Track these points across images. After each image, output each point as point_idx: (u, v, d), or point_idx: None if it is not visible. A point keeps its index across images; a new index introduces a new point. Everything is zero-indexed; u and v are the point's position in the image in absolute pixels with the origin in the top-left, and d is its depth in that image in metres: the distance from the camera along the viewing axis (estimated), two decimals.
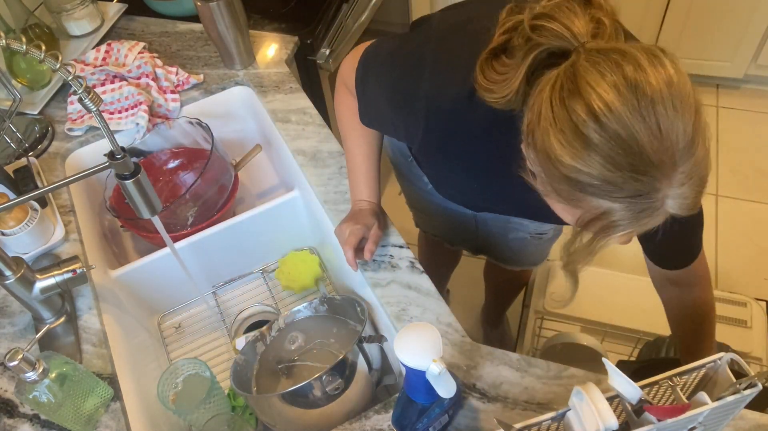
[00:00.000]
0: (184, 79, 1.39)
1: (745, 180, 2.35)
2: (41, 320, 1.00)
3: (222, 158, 1.25)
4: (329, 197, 1.14)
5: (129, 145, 1.30)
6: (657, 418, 0.62)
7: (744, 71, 2.51)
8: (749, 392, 0.63)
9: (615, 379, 0.63)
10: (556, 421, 0.67)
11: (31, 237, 1.08)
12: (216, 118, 1.40)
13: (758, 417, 0.80)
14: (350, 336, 1.08)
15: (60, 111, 1.37)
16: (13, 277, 0.89)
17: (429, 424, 0.79)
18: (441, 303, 0.97)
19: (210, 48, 1.48)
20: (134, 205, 0.85)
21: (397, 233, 1.07)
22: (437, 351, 0.68)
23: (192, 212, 1.18)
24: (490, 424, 0.84)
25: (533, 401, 0.85)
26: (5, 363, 0.77)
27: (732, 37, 2.38)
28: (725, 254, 1.21)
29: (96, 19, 1.52)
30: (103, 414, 0.91)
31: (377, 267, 1.03)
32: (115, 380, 0.95)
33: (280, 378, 1.09)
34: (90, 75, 1.34)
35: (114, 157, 0.78)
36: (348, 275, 1.13)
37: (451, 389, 0.70)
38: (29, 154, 1.27)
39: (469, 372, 0.89)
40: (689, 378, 0.69)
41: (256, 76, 1.41)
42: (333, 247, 1.17)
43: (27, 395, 0.82)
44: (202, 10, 1.29)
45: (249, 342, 1.09)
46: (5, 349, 0.99)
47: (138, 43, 1.42)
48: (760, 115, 2.55)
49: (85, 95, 0.71)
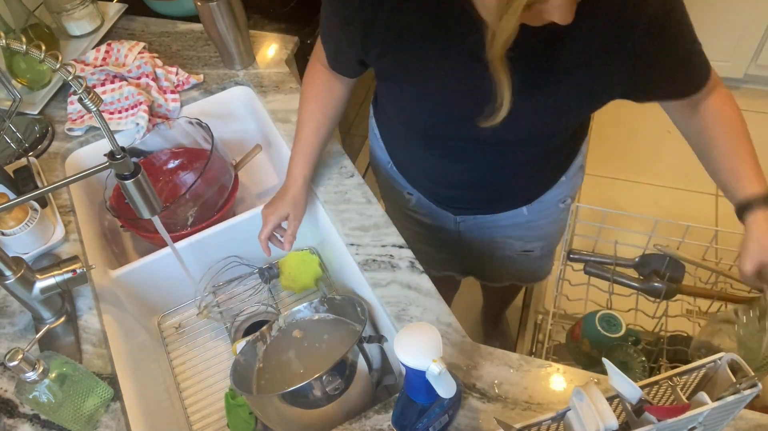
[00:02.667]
0: (184, 79, 1.39)
1: None
2: (41, 320, 1.00)
3: (222, 158, 1.25)
4: (329, 197, 1.14)
5: (129, 145, 1.30)
6: (657, 418, 0.62)
7: (744, 71, 2.50)
8: (749, 392, 0.63)
9: (615, 379, 0.63)
10: (556, 421, 0.67)
11: (31, 237, 1.08)
12: (216, 118, 1.40)
13: (758, 417, 0.80)
14: (350, 336, 1.08)
15: (60, 111, 1.37)
16: (13, 277, 0.89)
17: (429, 424, 0.79)
18: (441, 303, 0.97)
19: (210, 48, 1.48)
20: (134, 205, 0.85)
21: (397, 233, 1.07)
22: (437, 351, 0.68)
23: (192, 212, 1.18)
24: (490, 424, 0.84)
25: (533, 401, 0.85)
26: (5, 363, 0.77)
27: (732, 37, 2.38)
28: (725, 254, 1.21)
29: (96, 19, 1.52)
30: (103, 414, 0.91)
31: (377, 267, 1.03)
32: (115, 380, 0.95)
33: (280, 378, 1.09)
34: (90, 75, 1.34)
35: (114, 157, 0.78)
36: (348, 275, 1.13)
37: (451, 389, 0.70)
38: (29, 154, 1.27)
39: (469, 372, 0.89)
40: (689, 378, 0.69)
41: (256, 76, 1.41)
42: (333, 247, 1.17)
43: (27, 395, 0.82)
44: (202, 10, 1.29)
45: (249, 342, 1.09)
46: (5, 349, 0.99)
47: (138, 43, 1.42)
48: (760, 115, 2.55)
49: (85, 95, 0.71)
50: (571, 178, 1.14)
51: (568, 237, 1.23)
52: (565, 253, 1.25)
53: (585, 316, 1.21)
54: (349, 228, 1.09)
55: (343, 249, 1.08)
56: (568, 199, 1.19)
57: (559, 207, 1.19)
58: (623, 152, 2.50)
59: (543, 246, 1.31)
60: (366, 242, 1.06)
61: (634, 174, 2.43)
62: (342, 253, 1.10)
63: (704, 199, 2.32)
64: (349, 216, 1.10)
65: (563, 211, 1.21)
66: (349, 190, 1.15)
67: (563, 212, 1.21)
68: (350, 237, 1.07)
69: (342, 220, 1.10)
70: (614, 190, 2.39)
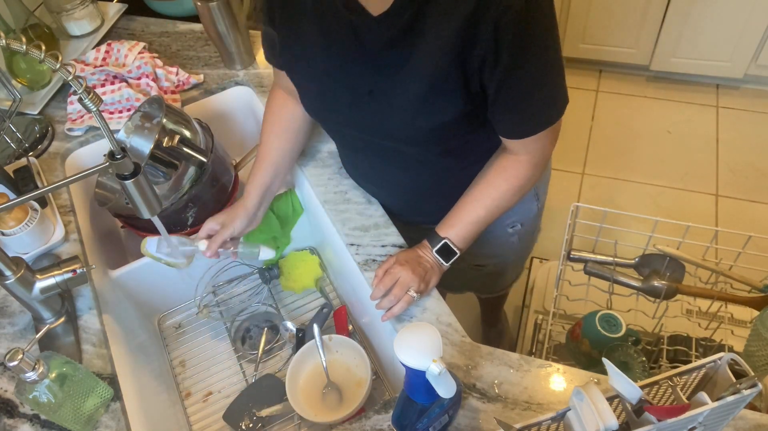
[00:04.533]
0: (185, 79, 1.39)
1: (745, 180, 2.35)
2: (41, 320, 1.00)
3: (222, 158, 1.25)
4: (329, 197, 1.14)
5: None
6: (657, 418, 0.62)
7: (744, 71, 2.51)
8: (749, 392, 0.63)
9: (615, 379, 0.63)
10: (556, 421, 0.67)
11: (31, 237, 1.08)
12: (216, 118, 1.40)
13: (758, 417, 0.80)
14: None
15: (60, 111, 1.37)
16: (13, 277, 0.89)
17: (429, 424, 0.79)
18: (441, 303, 0.97)
19: (210, 48, 1.48)
20: (134, 205, 0.85)
21: (397, 233, 1.07)
22: (437, 351, 0.68)
23: (192, 212, 1.18)
24: (490, 424, 0.84)
25: (533, 401, 0.85)
26: (5, 363, 0.77)
27: (732, 37, 2.39)
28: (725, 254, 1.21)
29: (96, 19, 1.52)
30: (103, 414, 0.91)
31: (377, 267, 1.03)
32: (115, 380, 0.95)
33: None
34: (90, 75, 1.34)
35: (114, 157, 0.78)
36: (348, 275, 1.13)
37: (451, 389, 0.70)
38: (29, 154, 1.27)
39: (469, 372, 0.89)
40: (689, 378, 0.69)
41: (256, 76, 1.41)
42: (333, 247, 1.17)
43: (27, 395, 0.82)
44: (202, 10, 1.29)
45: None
46: (5, 349, 0.99)
47: (138, 43, 1.42)
48: (760, 115, 2.55)
49: (85, 95, 0.71)
50: (520, 204, 1.09)
51: (568, 237, 1.23)
52: (565, 253, 1.25)
53: (585, 316, 1.21)
54: (349, 228, 1.09)
55: (343, 249, 1.08)
56: (518, 225, 1.18)
57: (508, 231, 1.19)
58: (623, 152, 2.51)
59: (495, 264, 1.31)
60: (366, 242, 1.06)
61: (634, 174, 2.43)
62: (342, 253, 1.10)
63: (704, 199, 2.32)
64: (349, 216, 1.10)
65: (513, 236, 1.21)
66: (349, 189, 1.15)
67: (513, 236, 1.21)
68: (350, 237, 1.07)
69: (342, 220, 1.10)
70: (614, 190, 2.39)
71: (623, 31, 2.54)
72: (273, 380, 1.13)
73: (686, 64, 2.56)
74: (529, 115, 0.86)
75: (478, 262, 1.29)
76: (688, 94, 2.66)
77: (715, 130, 2.52)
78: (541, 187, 1.17)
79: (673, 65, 2.59)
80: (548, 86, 0.84)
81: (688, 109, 2.62)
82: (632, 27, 2.51)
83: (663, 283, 1.19)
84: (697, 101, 2.64)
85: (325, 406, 1.07)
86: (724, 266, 1.20)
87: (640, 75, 2.77)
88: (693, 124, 2.56)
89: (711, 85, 2.68)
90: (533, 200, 1.17)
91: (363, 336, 1.21)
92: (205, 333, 1.26)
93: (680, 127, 2.55)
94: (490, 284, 1.47)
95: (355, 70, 0.86)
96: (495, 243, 1.22)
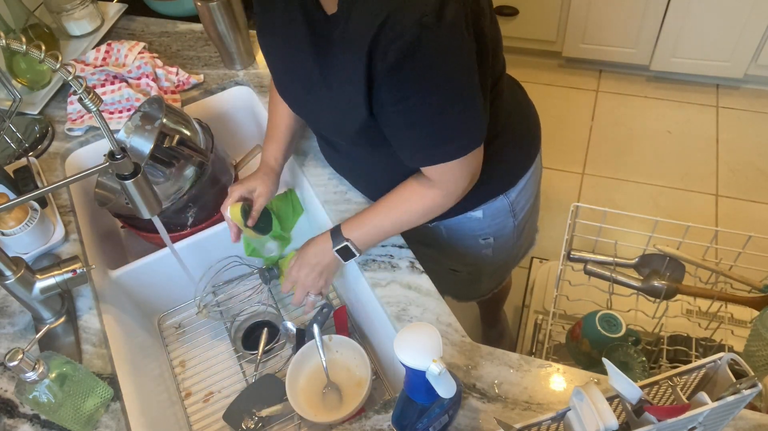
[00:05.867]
0: (185, 79, 1.39)
1: (745, 180, 2.35)
2: (41, 320, 1.00)
3: (222, 158, 1.25)
4: (329, 197, 1.14)
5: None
6: (657, 418, 0.62)
7: (744, 71, 2.51)
8: (749, 392, 0.63)
9: (615, 379, 0.63)
10: (556, 421, 0.67)
11: (31, 237, 1.08)
12: (216, 118, 1.40)
13: (758, 417, 0.80)
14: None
15: (60, 111, 1.37)
16: (13, 277, 0.89)
17: (429, 424, 0.79)
18: (441, 303, 0.97)
19: (210, 48, 1.48)
20: (134, 205, 0.85)
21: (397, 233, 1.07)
22: (437, 351, 0.68)
23: (192, 212, 1.18)
24: (490, 424, 0.84)
25: (533, 401, 0.85)
26: (5, 363, 0.77)
27: (732, 37, 2.39)
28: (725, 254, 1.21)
29: (96, 19, 1.52)
30: (103, 414, 0.91)
31: (377, 267, 1.03)
32: (115, 380, 0.95)
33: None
34: (90, 75, 1.34)
35: (114, 157, 0.78)
36: (348, 275, 1.13)
37: (451, 389, 0.70)
38: (29, 154, 1.27)
39: (469, 372, 0.89)
40: (689, 378, 0.69)
41: (256, 76, 1.41)
42: None
43: (27, 395, 0.82)
44: (202, 10, 1.29)
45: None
46: (5, 349, 0.99)
47: (138, 43, 1.42)
48: (760, 115, 2.55)
49: (85, 95, 0.71)
50: (492, 218, 1.11)
51: (567, 237, 1.23)
52: (565, 253, 1.25)
53: (585, 316, 1.21)
54: None
55: None
56: (491, 238, 1.17)
57: (480, 242, 1.18)
58: (623, 152, 2.50)
59: (470, 272, 1.31)
60: None
61: (634, 174, 2.43)
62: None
63: (704, 199, 2.32)
64: (349, 216, 1.10)
65: (487, 248, 1.20)
66: (349, 189, 1.15)
67: (487, 249, 1.20)
68: None
69: (342, 220, 1.10)
70: (614, 190, 2.39)
71: (623, 31, 2.54)
72: (273, 380, 1.13)
73: (686, 64, 2.56)
74: (420, 147, 0.86)
75: (452, 267, 1.29)
76: (688, 94, 2.66)
77: (715, 130, 2.52)
78: (518, 203, 1.14)
79: (673, 65, 2.59)
80: (444, 121, 0.81)
81: (688, 109, 2.62)
82: (632, 27, 2.51)
83: (663, 283, 1.19)
84: (697, 101, 2.64)
85: (325, 406, 1.07)
86: (724, 266, 1.20)
87: (640, 75, 2.77)
88: (693, 124, 2.56)
89: (711, 85, 2.68)
90: (508, 216, 1.14)
91: (363, 336, 1.21)
92: (205, 333, 1.26)
93: (680, 127, 2.55)
94: (465, 290, 1.47)
95: (307, 64, 0.88)
96: (466, 252, 1.21)
